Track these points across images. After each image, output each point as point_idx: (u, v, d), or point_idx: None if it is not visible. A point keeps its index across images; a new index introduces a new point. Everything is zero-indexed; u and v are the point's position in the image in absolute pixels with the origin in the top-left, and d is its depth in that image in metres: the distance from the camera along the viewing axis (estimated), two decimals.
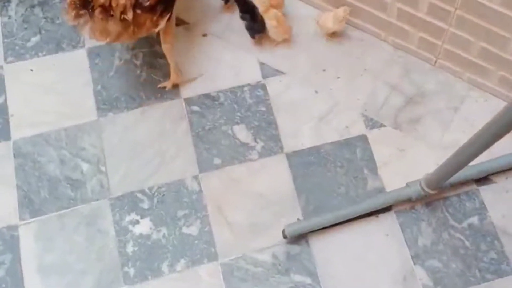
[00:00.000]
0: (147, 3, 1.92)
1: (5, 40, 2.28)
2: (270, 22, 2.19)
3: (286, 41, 2.24)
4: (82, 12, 1.88)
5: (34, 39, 2.29)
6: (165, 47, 2.08)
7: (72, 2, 1.88)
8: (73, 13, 1.89)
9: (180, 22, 2.29)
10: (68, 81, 2.21)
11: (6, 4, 2.35)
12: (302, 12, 2.29)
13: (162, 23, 1.99)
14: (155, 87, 2.19)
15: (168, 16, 1.99)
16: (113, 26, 1.90)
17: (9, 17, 2.33)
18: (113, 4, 1.87)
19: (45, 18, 2.33)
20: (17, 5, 2.35)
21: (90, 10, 1.87)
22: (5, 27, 2.31)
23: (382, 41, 2.23)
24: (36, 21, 2.32)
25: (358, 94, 2.17)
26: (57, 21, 2.32)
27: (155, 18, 1.95)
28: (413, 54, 2.18)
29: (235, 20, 2.28)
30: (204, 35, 2.29)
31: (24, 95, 2.19)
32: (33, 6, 2.35)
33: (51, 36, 2.29)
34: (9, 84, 2.20)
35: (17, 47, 2.27)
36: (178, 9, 2.21)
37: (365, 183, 2.03)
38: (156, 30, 2.00)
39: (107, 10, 1.87)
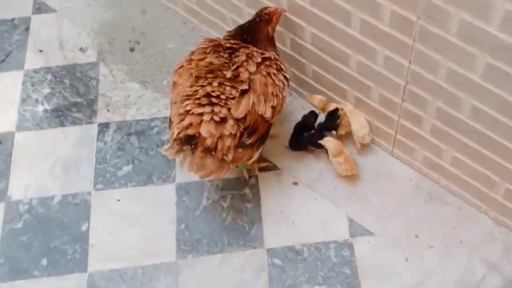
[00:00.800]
0: (249, 142, 1.91)
1: (98, 166, 2.30)
2: (337, 159, 2.16)
3: (354, 176, 2.18)
4: (185, 148, 1.86)
5: (126, 168, 2.30)
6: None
7: (178, 139, 1.87)
8: (176, 149, 1.88)
9: (272, 167, 2.24)
10: (153, 216, 2.18)
11: (105, 129, 2.39)
12: (401, 172, 2.20)
13: (256, 155, 1.99)
14: (239, 233, 2.12)
15: (262, 147, 1.99)
16: (212, 163, 1.88)
17: (105, 142, 2.36)
18: (219, 147, 1.85)
19: (140, 148, 2.34)
20: (114, 131, 2.38)
21: (192, 146, 1.85)
22: (100, 152, 2.33)
23: (482, 213, 2.10)
24: (130, 150, 2.34)
25: (452, 268, 2.03)
26: (151, 153, 2.32)
27: (251, 152, 1.95)
28: None
29: (327, 171, 2.21)
30: (295, 183, 2.23)
31: (107, 225, 2.17)
32: (129, 134, 2.37)
33: (143, 167, 2.29)
34: (94, 212, 2.20)
35: (108, 175, 2.28)
36: (271, 154, 2.18)
37: None
38: (250, 162, 2.00)
39: (209, 150, 1.85)
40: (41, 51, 2.62)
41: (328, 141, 2.18)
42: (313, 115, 2.28)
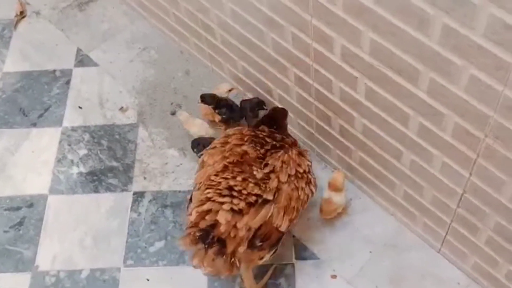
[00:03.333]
0: (259, 245, 1.83)
1: (129, 240, 2.21)
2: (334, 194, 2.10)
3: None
4: (199, 246, 1.77)
5: (158, 245, 2.20)
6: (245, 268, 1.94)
7: (192, 234, 1.77)
8: (189, 243, 1.78)
9: (309, 256, 2.12)
10: None
11: (140, 198, 2.29)
12: (448, 273, 2.06)
13: (267, 257, 1.88)
14: None
15: (274, 250, 1.88)
16: (223, 264, 1.78)
17: (139, 214, 2.26)
18: (231, 235, 1.76)
19: (174, 222, 2.24)
20: (149, 201, 2.29)
21: (206, 246, 1.76)
22: (132, 224, 2.24)
23: None
24: (164, 224, 2.24)
25: None
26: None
27: (262, 253, 1.86)
28: None
29: (368, 266, 2.08)
30: (333, 276, 2.10)
31: None
32: (165, 206, 2.28)
33: (176, 244, 2.18)
34: None
35: (139, 250, 2.18)
36: (309, 241, 2.06)
37: None
38: (260, 263, 1.90)
39: (221, 251, 1.76)
40: (80, 108, 2.54)
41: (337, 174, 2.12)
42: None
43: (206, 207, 1.80)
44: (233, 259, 1.78)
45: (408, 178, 1.93)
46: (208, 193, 1.83)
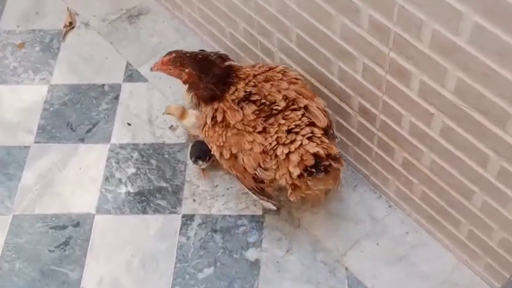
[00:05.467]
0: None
1: (178, 265, 2.14)
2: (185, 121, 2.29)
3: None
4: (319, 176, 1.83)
5: (207, 271, 2.14)
6: None
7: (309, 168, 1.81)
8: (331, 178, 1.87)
9: None
10: None
11: (189, 222, 2.23)
12: None
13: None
14: None
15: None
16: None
17: (188, 237, 2.20)
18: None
19: (223, 248, 2.18)
20: (199, 225, 2.23)
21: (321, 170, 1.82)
22: (181, 248, 2.18)
23: None
24: (214, 249, 2.18)
25: None
26: (235, 255, 2.16)
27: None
28: None
29: None
30: None
31: None
32: (214, 231, 2.21)
33: (226, 271, 2.13)
34: None
35: (187, 276, 2.12)
36: (364, 275, 2.04)
37: None
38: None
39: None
40: (129, 124, 2.49)
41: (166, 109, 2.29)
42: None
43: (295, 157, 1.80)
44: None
45: (476, 218, 1.85)
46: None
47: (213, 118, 1.94)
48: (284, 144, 1.82)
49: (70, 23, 2.77)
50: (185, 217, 2.25)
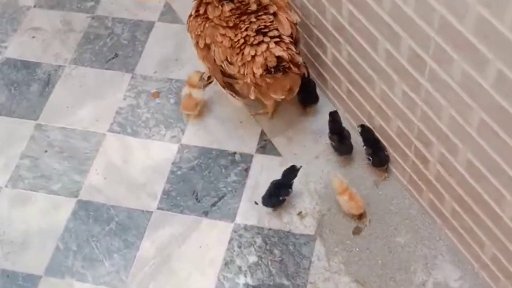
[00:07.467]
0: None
1: None
2: (342, 197, 2.18)
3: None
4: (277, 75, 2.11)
5: None
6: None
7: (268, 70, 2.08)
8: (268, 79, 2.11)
9: None
10: None
11: None
12: None
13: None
14: None
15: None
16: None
17: None
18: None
19: None
20: None
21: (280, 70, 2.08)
22: None
23: None
24: None
25: None
26: None
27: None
28: None
29: None
30: None
31: None
32: None
33: None
34: None
35: None
36: None
37: None
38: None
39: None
40: (256, 203, 2.34)
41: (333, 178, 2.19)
42: (292, 172, 2.24)
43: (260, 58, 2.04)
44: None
45: (500, 243, 1.81)
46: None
47: (197, 10, 2.18)
48: (252, 45, 2.05)
49: (209, 77, 2.64)
50: None
